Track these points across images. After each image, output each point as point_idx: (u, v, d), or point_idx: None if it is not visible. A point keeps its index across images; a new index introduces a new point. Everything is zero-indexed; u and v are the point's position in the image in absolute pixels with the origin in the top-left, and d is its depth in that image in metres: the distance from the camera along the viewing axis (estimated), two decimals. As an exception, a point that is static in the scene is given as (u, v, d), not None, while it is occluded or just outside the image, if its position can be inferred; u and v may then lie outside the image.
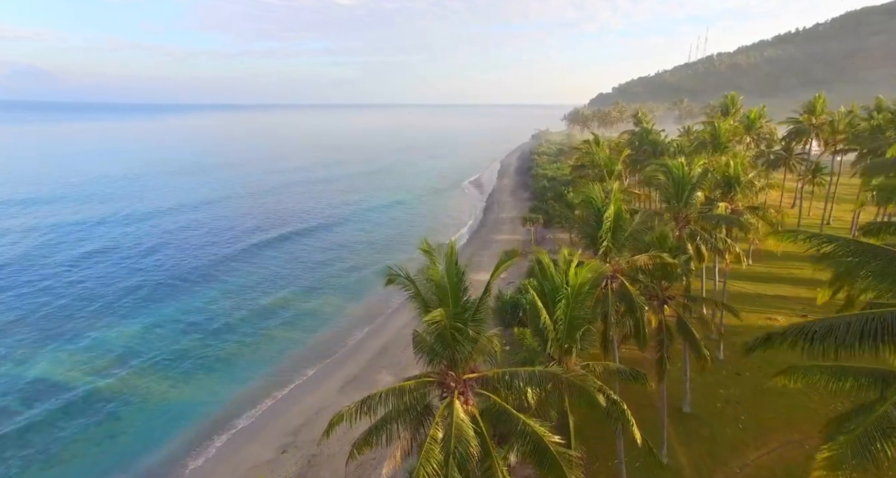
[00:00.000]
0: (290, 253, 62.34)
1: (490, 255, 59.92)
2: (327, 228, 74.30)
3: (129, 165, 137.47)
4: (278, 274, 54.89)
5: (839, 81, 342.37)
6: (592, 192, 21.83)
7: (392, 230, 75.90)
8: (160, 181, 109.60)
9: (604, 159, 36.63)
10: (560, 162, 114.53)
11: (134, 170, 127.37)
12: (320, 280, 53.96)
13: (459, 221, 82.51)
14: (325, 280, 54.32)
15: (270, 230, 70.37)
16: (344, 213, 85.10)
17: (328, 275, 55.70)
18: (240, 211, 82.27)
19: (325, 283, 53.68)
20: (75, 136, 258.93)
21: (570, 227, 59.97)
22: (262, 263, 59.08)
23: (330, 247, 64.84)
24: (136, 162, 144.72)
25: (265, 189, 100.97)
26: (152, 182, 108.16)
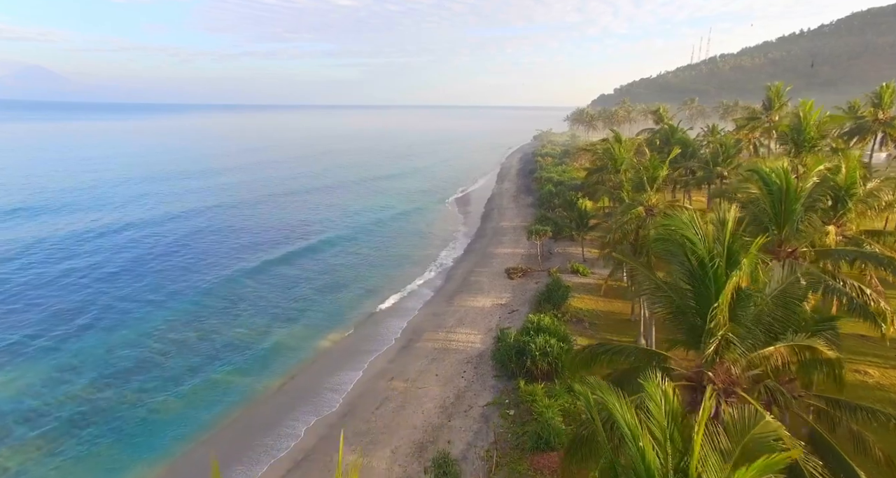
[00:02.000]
0: (230, 288, 50.59)
1: (490, 273, 51.15)
2: (303, 253, 60.36)
3: (115, 167, 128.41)
4: (220, 308, 45.63)
5: (845, 83, 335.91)
6: (686, 226, 11.32)
7: (374, 251, 66.95)
8: (142, 188, 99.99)
9: (646, 163, 27.57)
10: (565, 164, 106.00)
11: (120, 173, 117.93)
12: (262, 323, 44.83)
13: (452, 231, 73.67)
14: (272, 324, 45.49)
15: (221, 260, 58.51)
16: (332, 227, 75.70)
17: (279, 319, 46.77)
18: (193, 227, 71.30)
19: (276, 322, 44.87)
20: (66, 135, 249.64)
21: (581, 239, 51.31)
22: (201, 293, 49.62)
23: (301, 279, 53.41)
24: (123, 164, 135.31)
25: (241, 200, 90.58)
26: (133, 189, 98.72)
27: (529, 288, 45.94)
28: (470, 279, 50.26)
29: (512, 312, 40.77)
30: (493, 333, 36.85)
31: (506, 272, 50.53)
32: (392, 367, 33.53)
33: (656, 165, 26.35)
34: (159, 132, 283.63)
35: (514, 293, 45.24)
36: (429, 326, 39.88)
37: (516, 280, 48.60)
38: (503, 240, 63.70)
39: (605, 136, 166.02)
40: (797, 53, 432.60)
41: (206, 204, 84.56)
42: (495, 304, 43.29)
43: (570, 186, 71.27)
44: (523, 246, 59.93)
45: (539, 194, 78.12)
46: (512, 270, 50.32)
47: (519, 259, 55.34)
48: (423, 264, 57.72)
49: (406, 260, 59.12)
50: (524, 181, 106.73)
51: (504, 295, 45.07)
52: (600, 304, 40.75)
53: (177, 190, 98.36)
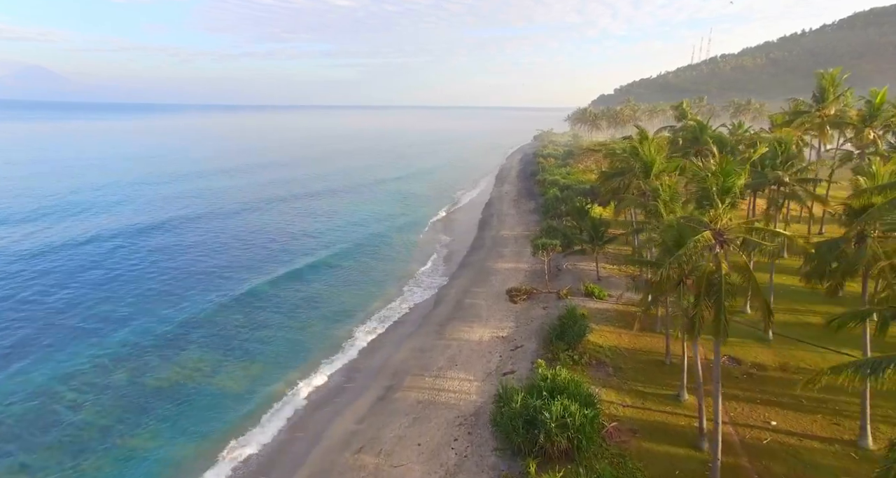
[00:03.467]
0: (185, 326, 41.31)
1: (489, 295, 43.56)
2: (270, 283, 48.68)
3: (103, 169, 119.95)
4: (167, 341, 37.85)
5: (848, 83, 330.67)
6: None
7: (357, 263, 59.23)
8: (127, 192, 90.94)
9: (713, 168, 19.43)
10: (569, 165, 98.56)
11: (107, 176, 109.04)
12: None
13: (446, 242, 66.14)
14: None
15: (184, 285, 48.56)
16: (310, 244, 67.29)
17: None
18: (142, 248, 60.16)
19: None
20: (59, 135, 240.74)
21: (595, 254, 43.79)
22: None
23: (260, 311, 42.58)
24: (112, 166, 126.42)
25: (228, 207, 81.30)
26: (117, 193, 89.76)
27: (536, 315, 38.37)
28: (465, 302, 42.66)
29: (516, 350, 33.19)
30: (493, 380, 29.32)
31: (507, 294, 42.97)
32: (362, 430, 25.91)
33: (730, 169, 18.62)
34: (156, 132, 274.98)
35: (518, 322, 37.66)
36: (413, 367, 32.28)
37: (520, 304, 41.06)
38: (503, 252, 56.10)
39: (610, 136, 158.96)
40: (799, 53, 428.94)
41: (189, 212, 76.09)
42: (495, 336, 35.71)
43: (578, 190, 63.75)
44: (527, 260, 52.36)
45: (543, 199, 70.61)
46: (514, 291, 42.76)
47: (522, 277, 47.79)
48: (411, 281, 50.16)
49: (391, 276, 51.52)
50: (525, 184, 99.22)
51: (506, 324, 37.49)
52: (624, 338, 33.22)
53: (163, 194, 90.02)
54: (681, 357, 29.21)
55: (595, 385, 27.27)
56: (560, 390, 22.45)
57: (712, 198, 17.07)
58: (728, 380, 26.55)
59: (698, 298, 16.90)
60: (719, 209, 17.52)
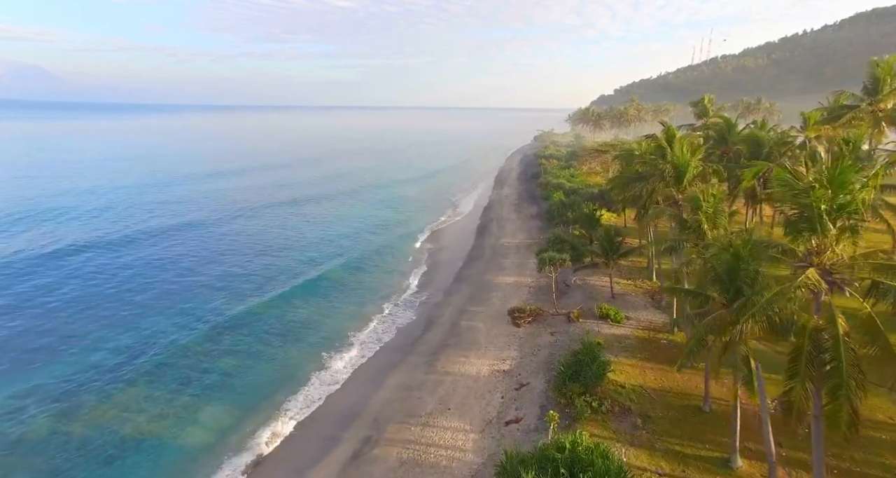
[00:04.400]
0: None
1: (488, 316, 38.12)
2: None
3: (91, 171, 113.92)
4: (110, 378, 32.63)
5: (851, 84, 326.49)
6: None
7: (343, 275, 53.88)
8: (109, 198, 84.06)
9: (820, 176, 13.49)
10: (573, 167, 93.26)
11: (93, 179, 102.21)
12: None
13: (440, 249, 60.81)
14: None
15: (152, 309, 40.80)
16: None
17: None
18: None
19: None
20: (48, 135, 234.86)
21: (611, 268, 38.43)
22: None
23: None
24: (101, 168, 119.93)
25: (216, 215, 74.57)
26: (99, 199, 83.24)
27: (543, 342, 32.96)
28: (460, 325, 37.23)
29: (521, 389, 27.76)
30: (493, 431, 23.98)
31: (509, 315, 37.54)
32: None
33: (846, 178, 12.78)
34: (151, 133, 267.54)
35: (522, 351, 32.24)
36: (397, 411, 26.86)
37: (524, 328, 35.65)
38: (504, 264, 50.66)
39: (614, 136, 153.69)
40: (801, 54, 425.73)
41: (169, 222, 69.26)
42: (496, 369, 30.30)
43: (586, 195, 58.36)
44: (530, 273, 46.93)
45: (546, 204, 65.24)
46: (517, 311, 37.30)
47: (525, 293, 42.36)
48: (400, 299, 44.77)
49: (377, 294, 45.91)
50: (526, 186, 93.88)
51: (508, 354, 32.08)
52: (649, 374, 27.83)
53: (146, 200, 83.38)
54: (725, 403, 23.89)
55: (620, 442, 21.94)
56: (583, 465, 17.01)
57: (816, 219, 11.90)
58: (795, 439, 21.05)
59: (797, 367, 11.57)
60: (829, 235, 12.19)
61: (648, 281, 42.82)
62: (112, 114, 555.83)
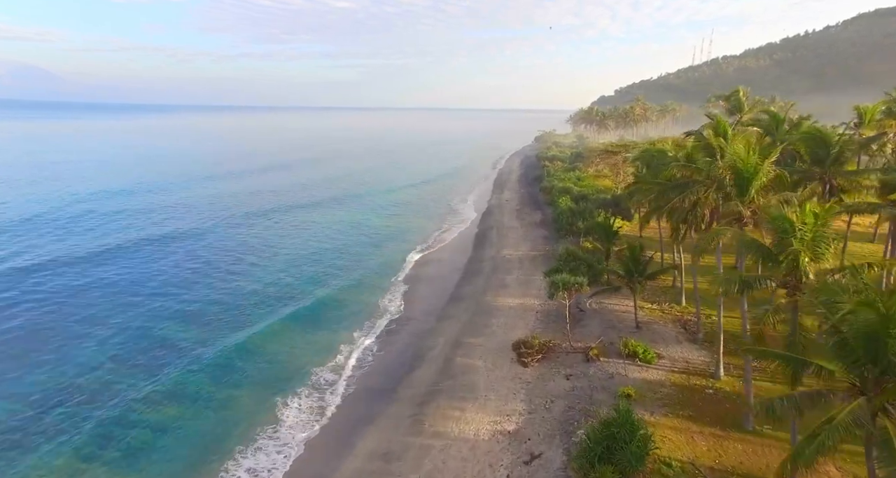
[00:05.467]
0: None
1: (489, 350, 31.52)
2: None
3: (76, 174, 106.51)
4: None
5: (853, 85, 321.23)
6: None
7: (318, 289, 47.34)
8: (90, 205, 75.85)
9: None
10: (578, 169, 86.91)
11: (71, 184, 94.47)
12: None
13: (432, 262, 54.38)
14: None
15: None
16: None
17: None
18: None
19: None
20: (40, 135, 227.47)
21: (635, 291, 32.00)
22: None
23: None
24: (87, 171, 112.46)
25: (201, 224, 66.59)
26: (79, 204, 75.61)
27: (556, 389, 26.42)
28: (455, 362, 30.67)
29: (532, 462, 21.20)
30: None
31: (514, 350, 30.98)
32: None
33: None
34: (147, 133, 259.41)
35: (532, 402, 25.67)
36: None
37: (532, 367, 29.10)
38: (507, 281, 44.08)
39: (619, 136, 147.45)
40: (803, 55, 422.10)
41: (151, 232, 61.69)
42: (499, 430, 23.74)
43: (597, 201, 51.90)
44: (537, 293, 40.38)
45: (552, 211, 58.74)
46: (524, 346, 30.72)
47: (533, 320, 35.81)
48: (383, 323, 38.20)
49: (355, 318, 39.01)
50: (528, 190, 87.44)
51: (514, 406, 25.53)
52: (700, 443, 21.32)
53: (130, 207, 75.34)
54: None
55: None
56: None
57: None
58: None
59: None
60: None
61: (677, 305, 36.39)
62: (111, 114, 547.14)
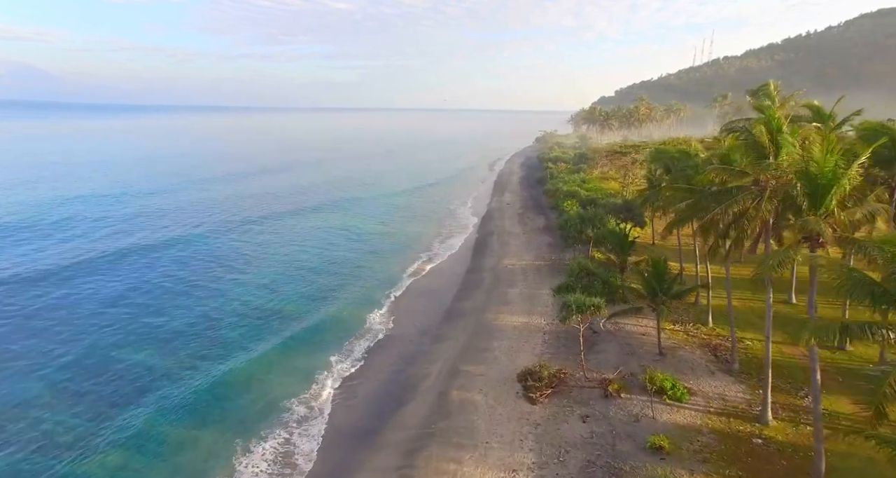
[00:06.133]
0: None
1: (490, 381, 27.18)
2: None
3: (59, 176, 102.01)
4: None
5: (856, 86, 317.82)
6: None
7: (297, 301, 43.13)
8: (63, 211, 70.14)
9: None
10: (583, 171, 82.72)
11: (49, 190, 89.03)
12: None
13: (425, 273, 50.24)
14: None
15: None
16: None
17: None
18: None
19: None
20: (33, 136, 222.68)
21: (659, 313, 27.80)
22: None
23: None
24: (67, 174, 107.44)
25: (182, 232, 61.43)
26: (58, 210, 70.70)
27: (571, 435, 22.14)
28: (450, 396, 26.37)
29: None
30: None
31: (519, 381, 26.71)
32: None
33: None
34: (141, 133, 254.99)
35: (542, 453, 21.35)
36: None
37: (541, 404, 24.82)
38: (509, 295, 39.80)
39: (623, 137, 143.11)
40: (805, 55, 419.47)
41: (137, 242, 56.14)
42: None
43: (608, 206, 47.65)
44: (543, 310, 36.19)
45: (556, 215, 54.51)
46: (531, 377, 26.42)
47: (540, 343, 31.54)
48: (370, 344, 33.90)
49: (338, 337, 34.54)
50: (530, 193, 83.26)
51: (520, 457, 21.23)
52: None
53: (114, 214, 69.82)
54: None
55: None
56: None
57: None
58: None
59: None
60: None
61: (703, 326, 32.16)
62: (109, 114, 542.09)
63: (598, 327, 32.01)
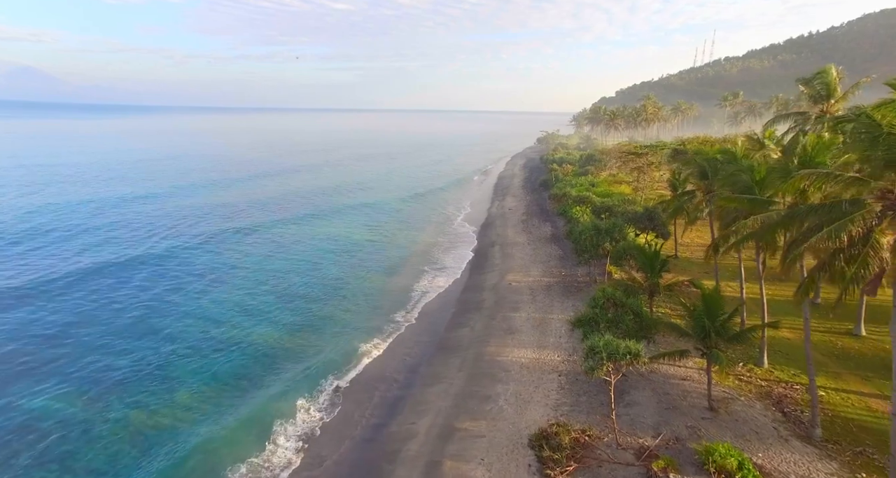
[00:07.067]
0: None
1: (495, 449, 20.89)
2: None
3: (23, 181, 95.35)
4: None
5: (859, 86, 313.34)
6: None
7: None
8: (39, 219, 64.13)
9: None
10: (591, 173, 76.62)
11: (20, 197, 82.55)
12: None
13: (415, 292, 44.12)
14: None
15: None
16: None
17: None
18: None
19: None
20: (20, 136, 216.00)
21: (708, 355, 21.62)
22: None
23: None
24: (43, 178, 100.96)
25: (155, 246, 56.06)
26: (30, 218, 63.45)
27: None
28: (441, 469, 20.13)
29: None
30: None
31: (531, 447, 20.53)
32: None
33: None
34: (135, 134, 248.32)
35: None
36: None
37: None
38: (514, 322, 33.54)
39: (629, 138, 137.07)
40: (808, 56, 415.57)
41: (110, 257, 49.06)
42: None
43: (628, 215, 41.46)
44: (556, 342, 30.03)
45: (569, 228, 48.25)
46: (548, 444, 20.22)
47: (555, 389, 25.31)
48: (338, 391, 27.65)
49: (300, 379, 28.20)
50: (534, 197, 77.10)
51: None
52: None
53: (93, 223, 62.37)
54: None
55: None
56: None
57: None
58: None
59: None
60: None
61: (756, 368, 25.96)
62: (105, 114, 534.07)
63: (626, 368, 25.80)
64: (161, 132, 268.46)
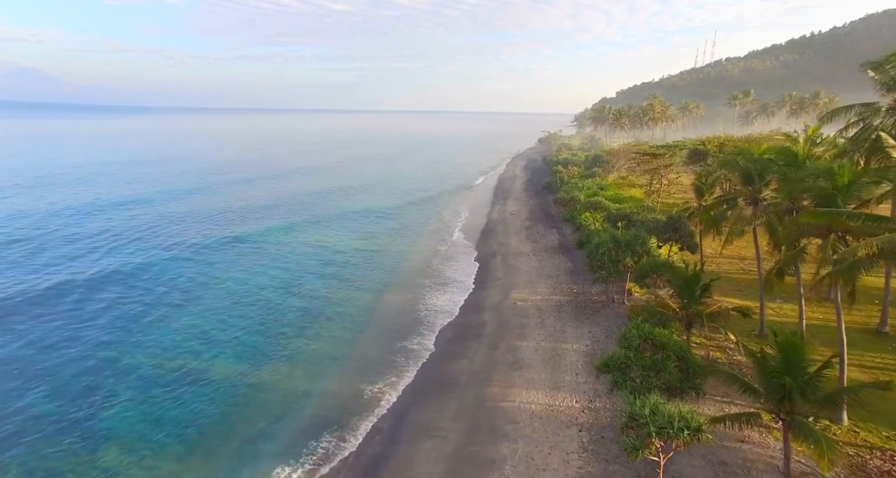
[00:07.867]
0: None
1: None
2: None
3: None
4: None
5: (861, 86, 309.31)
6: None
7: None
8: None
9: None
10: (598, 175, 71.38)
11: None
12: None
13: (414, 322, 38.67)
14: None
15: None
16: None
17: None
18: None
19: None
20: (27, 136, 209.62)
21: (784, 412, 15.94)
22: None
23: None
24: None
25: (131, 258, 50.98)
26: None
27: None
28: None
29: None
30: None
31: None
32: None
33: None
34: (130, 135, 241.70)
35: None
36: None
37: None
38: (522, 355, 28.13)
39: (634, 138, 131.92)
40: (810, 56, 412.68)
41: (85, 270, 43.79)
42: None
43: (649, 224, 36.13)
44: (574, 382, 24.70)
45: (577, 232, 42.98)
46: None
47: (576, 451, 19.93)
48: (309, 444, 22.24)
49: (267, 434, 22.92)
50: (538, 201, 71.75)
51: None
52: None
53: (72, 232, 56.66)
54: None
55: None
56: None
57: None
58: None
59: None
60: None
61: (833, 424, 20.59)
62: (103, 114, 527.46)
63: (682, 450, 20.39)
64: (160, 132, 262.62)
